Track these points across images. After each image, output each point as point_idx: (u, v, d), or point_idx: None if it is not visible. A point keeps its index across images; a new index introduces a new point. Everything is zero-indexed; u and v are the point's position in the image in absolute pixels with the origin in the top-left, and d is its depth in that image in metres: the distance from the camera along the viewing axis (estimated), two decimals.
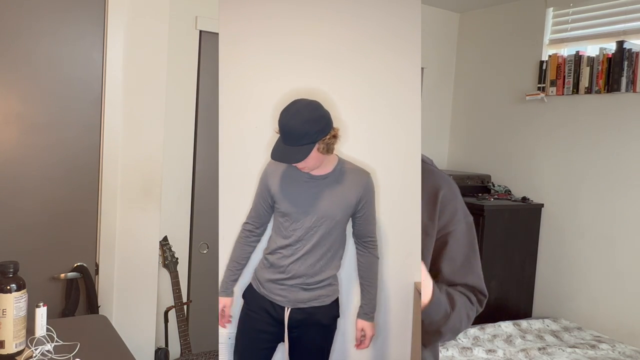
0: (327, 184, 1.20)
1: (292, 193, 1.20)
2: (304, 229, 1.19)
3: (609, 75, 3.16)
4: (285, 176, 1.22)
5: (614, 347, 2.91)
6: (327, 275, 1.21)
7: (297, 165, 1.16)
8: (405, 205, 1.33)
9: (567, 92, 3.40)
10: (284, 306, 1.23)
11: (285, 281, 1.21)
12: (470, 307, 1.19)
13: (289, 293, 1.22)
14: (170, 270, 2.91)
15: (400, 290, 1.34)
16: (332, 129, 1.13)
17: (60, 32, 2.07)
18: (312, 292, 1.22)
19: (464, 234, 1.21)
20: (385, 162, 1.35)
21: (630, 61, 3.07)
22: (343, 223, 1.22)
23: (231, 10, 1.35)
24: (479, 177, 3.83)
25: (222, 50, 1.33)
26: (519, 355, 2.78)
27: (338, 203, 1.19)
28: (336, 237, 1.21)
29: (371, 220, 1.22)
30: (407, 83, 1.31)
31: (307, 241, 1.19)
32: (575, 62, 3.35)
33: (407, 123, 1.33)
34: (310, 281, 1.21)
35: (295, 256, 1.19)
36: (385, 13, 1.31)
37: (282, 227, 1.21)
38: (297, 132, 1.09)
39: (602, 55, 3.20)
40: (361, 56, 1.33)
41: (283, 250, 1.20)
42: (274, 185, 1.21)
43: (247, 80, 1.37)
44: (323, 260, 1.20)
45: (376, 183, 1.35)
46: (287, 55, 1.35)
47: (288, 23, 1.35)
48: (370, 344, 1.30)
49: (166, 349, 2.86)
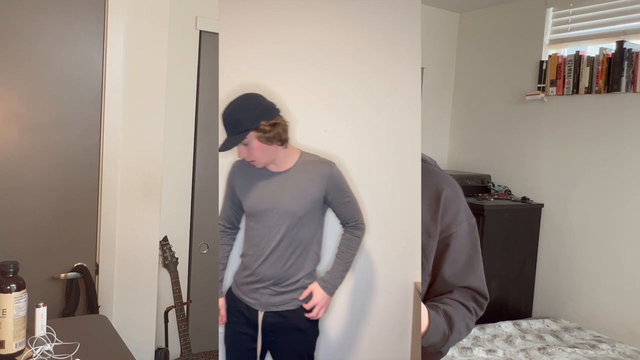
0: (287, 179, 1.17)
1: (252, 190, 1.18)
2: (266, 227, 1.16)
3: (609, 75, 3.16)
4: (247, 174, 1.19)
5: (614, 347, 2.91)
6: (300, 276, 1.17)
7: (246, 159, 1.15)
8: (405, 206, 1.33)
9: (567, 92, 3.40)
10: (257, 309, 1.19)
11: (255, 284, 1.18)
12: (470, 316, 1.18)
13: (260, 296, 1.18)
14: (170, 270, 2.91)
15: (399, 290, 1.34)
16: (273, 117, 1.12)
17: (60, 32, 2.07)
18: (284, 296, 1.17)
19: (467, 236, 1.20)
20: (385, 162, 1.35)
21: (630, 61, 3.07)
22: (310, 219, 1.17)
23: (231, 10, 1.35)
24: (479, 177, 3.83)
25: (222, 51, 1.33)
26: (519, 355, 2.78)
27: (299, 198, 1.16)
28: (304, 234, 1.16)
29: (349, 205, 1.18)
30: (407, 83, 1.31)
31: (271, 240, 1.16)
32: (575, 62, 3.35)
33: (407, 123, 1.33)
34: (281, 284, 1.17)
35: (262, 257, 1.16)
36: (385, 13, 1.31)
37: (249, 227, 1.19)
38: (230, 120, 1.11)
39: (602, 55, 3.20)
40: (361, 56, 1.33)
41: (251, 251, 1.18)
42: (237, 183, 1.19)
43: (247, 81, 1.37)
44: (291, 260, 1.16)
45: (376, 183, 1.35)
46: (287, 57, 1.35)
47: (288, 24, 1.35)
48: (368, 343, 1.29)
49: (166, 349, 2.86)
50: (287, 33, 1.34)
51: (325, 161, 1.20)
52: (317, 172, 1.18)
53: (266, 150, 1.13)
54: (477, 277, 1.21)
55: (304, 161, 1.19)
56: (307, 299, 1.17)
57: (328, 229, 1.22)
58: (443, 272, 1.16)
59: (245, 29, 1.34)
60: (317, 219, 1.19)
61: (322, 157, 1.21)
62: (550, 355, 2.78)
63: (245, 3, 1.34)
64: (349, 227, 1.20)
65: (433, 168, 1.19)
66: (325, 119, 1.30)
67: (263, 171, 1.18)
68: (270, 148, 1.13)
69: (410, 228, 1.31)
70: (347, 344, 1.31)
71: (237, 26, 1.34)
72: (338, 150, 1.36)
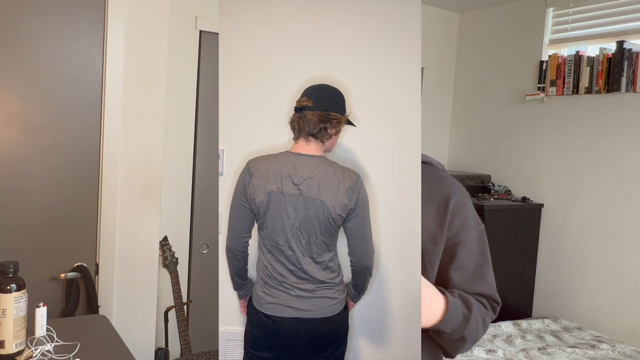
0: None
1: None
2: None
3: (609, 75, 3.16)
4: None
5: (614, 347, 2.91)
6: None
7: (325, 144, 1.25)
8: (405, 205, 1.33)
9: (567, 92, 3.40)
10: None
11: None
12: (485, 311, 1.15)
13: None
14: (170, 270, 2.91)
15: (404, 288, 1.34)
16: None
17: (60, 32, 2.07)
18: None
19: (475, 243, 1.18)
20: (385, 162, 1.35)
21: (630, 61, 3.07)
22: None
23: (231, 10, 1.35)
24: (479, 177, 3.83)
25: (222, 51, 1.33)
26: (519, 355, 2.78)
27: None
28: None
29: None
30: (407, 83, 1.31)
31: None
32: (575, 62, 3.35)
33: (407, 123, 1.33)
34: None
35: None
36: (385, 14, 1.31)
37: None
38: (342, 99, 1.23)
39: (602, 55, 3.20)
40: (361, 56, 1.33)
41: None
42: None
43: (247, 80, 1.37)
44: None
45: (376, 182, 1.35)
46: (287, 57, 1.35)
47: (288, 25, 1.35)
48: (380, 347, 1.30)
49: (166, 349, 2.86)
50: (287, 33, 1.34)
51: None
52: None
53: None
54: (487, 284, 1.18)
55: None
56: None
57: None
58: (452, 280, 1.14)
59: (245, 28, 1.34)
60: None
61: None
62: (550, 355, 2.78)
63: (245, 3, 1.33)
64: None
65: (441, 173, 1.17)
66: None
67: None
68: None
69: (411, 228, 1.31)
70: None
71: (237, 26, 1.34)
72: (338, 149, 1.36)
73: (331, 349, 1.24)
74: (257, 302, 1.25)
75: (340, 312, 1.25)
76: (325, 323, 1.22)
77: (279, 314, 1.22)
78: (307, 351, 1.22)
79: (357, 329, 1.39)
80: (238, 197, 1.21)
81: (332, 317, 1.23)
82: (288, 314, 1.21)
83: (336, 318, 1.24)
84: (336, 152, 1.35)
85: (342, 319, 1.26)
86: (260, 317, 1.24)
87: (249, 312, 1.27)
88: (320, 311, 1.21)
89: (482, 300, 1.18)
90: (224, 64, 1.32)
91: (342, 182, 1.17)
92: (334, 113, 1.18)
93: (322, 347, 1.23)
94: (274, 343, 1.23)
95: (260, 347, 1.24)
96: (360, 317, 1.38)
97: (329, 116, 1.17)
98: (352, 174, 1.19)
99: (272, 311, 1.22)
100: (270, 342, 1.23)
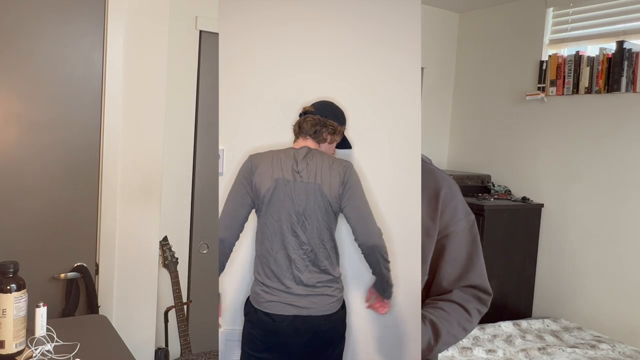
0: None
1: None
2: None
3: (609, 75, 3.16)
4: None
5: (614, 347, 2.91)
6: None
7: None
8: (405, 205, 1.33)
9: (567, 92, 3.40)
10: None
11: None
12: (467, 318, 1.18)
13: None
14: (170, 270, 2.91)
15: (405, 287, 1.34)
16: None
17: (60, 32, 2.07)
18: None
19: (466, 233, 1.20)
20: (385, 162, 1.35)
21: (630, 61, 3.07)
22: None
23: (231, 10, 1.35)
24: (479, 177, 3.83)
25: (222, 51, 1.33)
26: (519, 355, 2.78)
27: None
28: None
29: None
30: (407, 83, 1.31)
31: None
32: (575, 62, 3.35)
33: (407, 123, 1.33)
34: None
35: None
36: (385, 14, 1.31)
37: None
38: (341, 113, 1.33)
39: (602, 55, 3.20)
40: (361, 56, 1.33)
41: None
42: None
43: (247, 81, 1.37)
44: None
45: (376, 183, 1.35)
46: (287, 57, 1.36)
47: (288, 25, 1.35)
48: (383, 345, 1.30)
49: (166, 349, 2.86)
50: (287, 33, 1.34)
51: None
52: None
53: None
54: (477, 273, 1.21)
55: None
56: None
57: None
58: (443, 271, 1.16)
59: (245, 28, 1.34)
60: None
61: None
62: (550, 355, 2.78)
63: (245, 3, 1.34)
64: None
65: (430, 166, 1.20)
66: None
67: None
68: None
69: (411, 227, 1.31)
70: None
71: (237, 26, 1.34)
72: (338, 150, 1.36)
73: (330, 349, 1.24)
74: (256, 300, 1.25)
75: (339, 310, 1.25)
76: (325, 321, 1.23)
77: (279, 312, 1.22)
78: (307, 352, 1.23)
79: (357, 329, 1.39)
80: (241, 188, 1.25)
81: (331, 315, 1.23)
82: (288, 312, 1.22)
83: (335, 316, 1.24)
84: (336, 153, 1.35)
85: (341, 317, 1.26)
86: (259, 316, 1.24)
87: (247, 312, 1.27)
88: (319, 309, 1.22)
89: (467, 304, 1.19)
90: (224, 64, 1.32)
91: (333, 167, 1.25)
92: (331, 121, 1.27)
93: (321, 347, 1.23)
94: (273, 343, 1.23)
95: (259, 348, 1.24)
96: (359, 317, 1.38)
97: (327, 122, 1.27)
98: (343, 161, 1.27)
99: (272, 309, 1.22)
100: (270, 342, 1.23)
